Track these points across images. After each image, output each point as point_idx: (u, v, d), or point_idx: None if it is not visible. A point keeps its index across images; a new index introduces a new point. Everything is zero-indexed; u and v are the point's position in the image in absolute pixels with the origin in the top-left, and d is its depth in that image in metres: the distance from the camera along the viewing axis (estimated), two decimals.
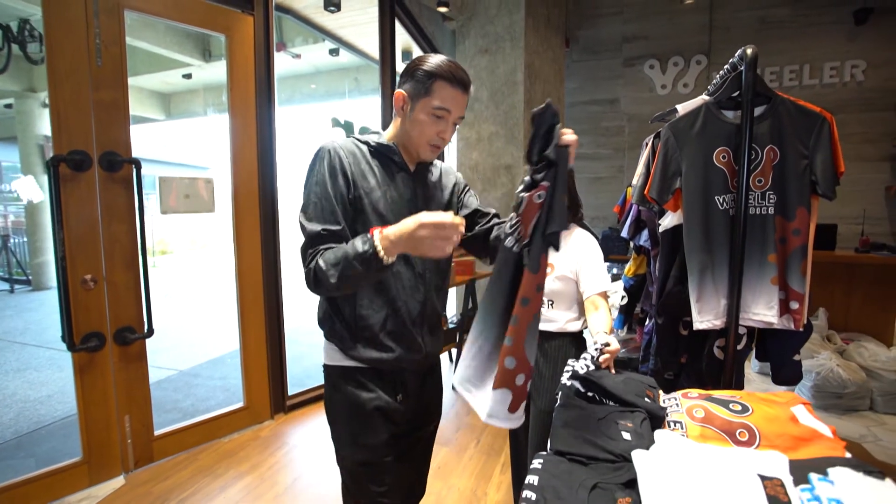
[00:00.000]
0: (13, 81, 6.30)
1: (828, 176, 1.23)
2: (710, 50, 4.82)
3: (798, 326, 1.27)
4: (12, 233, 7.71)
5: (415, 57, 1.11)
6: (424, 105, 1.08)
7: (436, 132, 1.10)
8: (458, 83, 1.08)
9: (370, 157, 1.13)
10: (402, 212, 1.11)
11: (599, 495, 0.73)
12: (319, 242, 1.04)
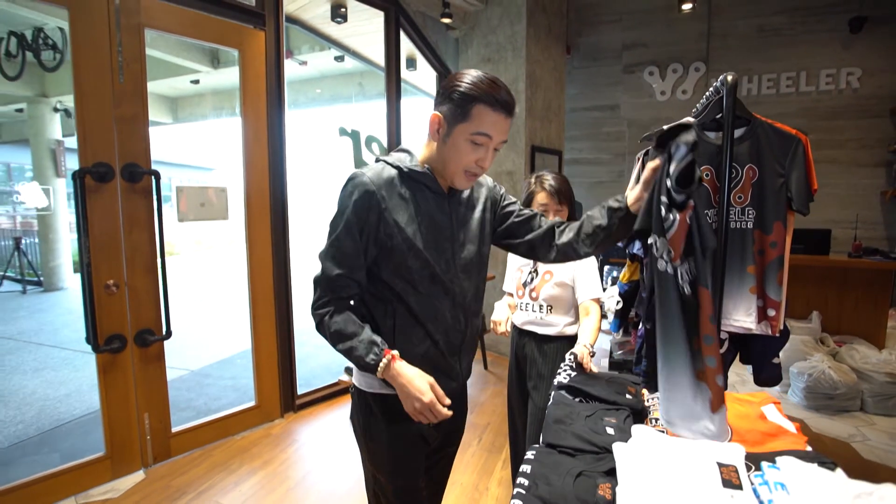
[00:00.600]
0: (26, 87, 6.43)
1: (802, 193, 1.33)
2: (708, 57, 4.92)
3: (775, 332, 1.37)
4: (24, 234, 7.84)
5: (452, 74, 1.03)
6: (462, 130, 1.00)
7: (474, 160, 1.02)
8: (500, 106, 0.98)
9: (402, 183, 1.06)
10: (439, 241, 1.08)
11: (583, 481, 0.83)
12: (336, 286, 1.03)
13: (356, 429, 1.20)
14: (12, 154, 11.50)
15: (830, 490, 0.69)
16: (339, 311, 1.04)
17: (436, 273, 1.07)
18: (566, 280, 1.71)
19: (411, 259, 1.05)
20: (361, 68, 6.90)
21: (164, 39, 5.28)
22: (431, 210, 1.08)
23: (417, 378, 0.97)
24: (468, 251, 1.13)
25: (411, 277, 1.06)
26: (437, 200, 1.09)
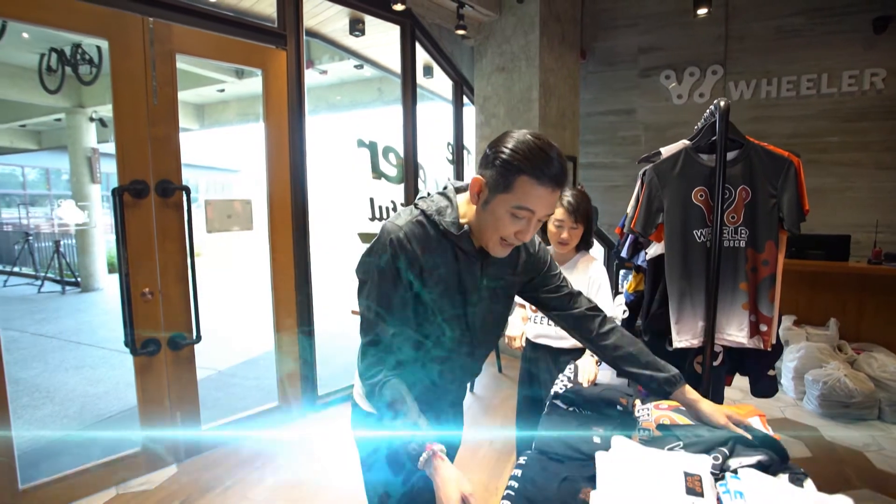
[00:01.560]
0: (65, 99, 6.81)
1: (793, 213, 1.39)
2: (725, 60, 4.88)
3: (766, 347, 1.43)
4: (62, 237, 8.26)
5: (501, 135, 0.96)
6: (503, 201, 0.93)
7: (513, 232, 0.96)
8: (547, 180, 0.90)
9: (436, 238, 1.01)
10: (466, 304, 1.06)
11: (567, 486, 0.93)
12: (393, 348, 1.00)
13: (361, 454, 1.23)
14: (52, 160, 12.10)
15: (785, 499, 0.77)
16: (389, 381, 0.99)
17: (455, 337, 1.07)
18: None
19: (434, 317, 1.04)
20: (380, 74, 7.06)
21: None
22: (461, 271, 1.04)
23: (452, 483, 0.87)
24: (493, 311, 1.12)
25: (431, 338, 1.06)
26: (468, 262, 1.04)
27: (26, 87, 6.49)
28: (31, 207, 12.51)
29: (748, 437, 1.01)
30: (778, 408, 3.25)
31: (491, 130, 4.22)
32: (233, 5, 3.35)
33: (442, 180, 4.69)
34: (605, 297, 1.70)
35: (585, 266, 1.74)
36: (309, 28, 4.18)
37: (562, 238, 1.71)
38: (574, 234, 1.70)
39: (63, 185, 12.34)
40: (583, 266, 1.75)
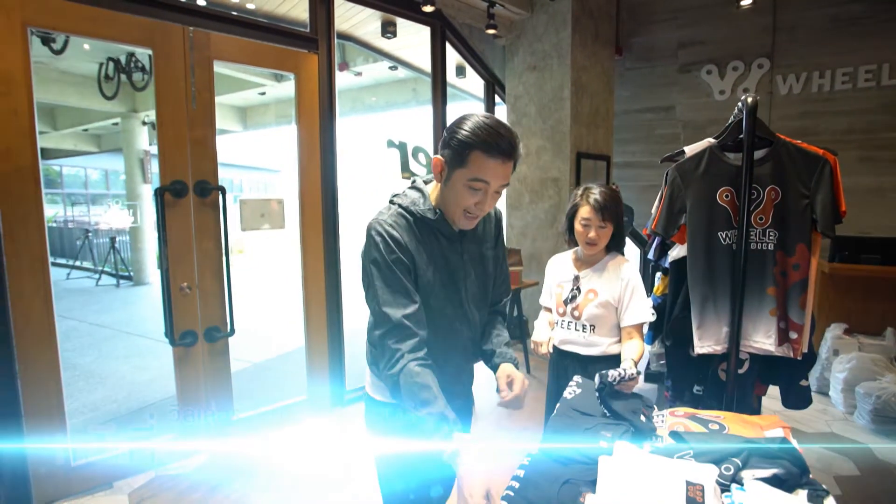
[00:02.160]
0: (120, 104, 7.27)
1: (827, 215, 1.31)
2: (773, 52, 4.63)
3: (797, 355, 1.35)
4: (118, 234, 8.82)
5: (456, 119, 1.06)
6: (460, 175, 1.03)
7: (473, 203, 1.05)
8: (496, 152, 0.99)
9: (416, 227, 1.10)
10: (455, 281, 1.13)
11: (568, 489, 0.92)
12: (403, 330, 1.03)
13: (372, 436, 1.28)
14: (111, 161, 12.93)
15: None
16: (411, 368, 1.01)
17: (451, 311, 1.15)
18: (611, 300, 1.59)
19: (432, 299, 1.11)
20: (414, 75, 7.14)
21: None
22: (445, 252, 1.13)
23: (476, 476, 0.91)
24: (478, 286, 1.21)
25: (433, 314, 1.12)
26: (450, 242, 1.13)
27: (87, 94, 6.97)
28: (92, 206, 13.42)
29: (764, 448, 0.97)
30: (824, 421, 3.06)
31: (522, 130, 4.19)
32: (269, 11, 3.48)
33: None
34: (639, 301, 1.55)
35: (616, 268, 1.60)
36: (342, 31, 4.28)
37: (589, 237, 1.58)
38: (602, 233, 1.58)
39: (121, 185, 13.15)
40: (613, 268, 1.61)
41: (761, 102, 5.02)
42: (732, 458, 0.96)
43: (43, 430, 2.15)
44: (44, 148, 11.02)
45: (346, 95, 7.90)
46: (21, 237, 2.07)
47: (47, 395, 2.17)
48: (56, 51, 4.80)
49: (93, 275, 8.56)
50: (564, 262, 1.76)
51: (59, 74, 6.75)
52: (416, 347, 1.05)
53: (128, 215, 7.62)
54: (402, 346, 1.03)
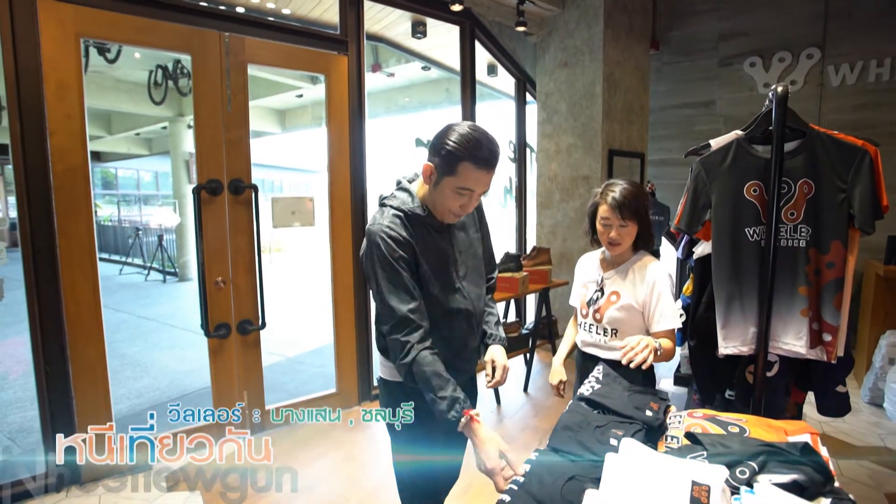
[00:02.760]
0: (168, 109, 7.68)
1: (866, 209, 1.23)
2: (824, 41, 4.36)
3: (831, 359, 1.27)
4: (165, 232, 9.30)
5: (443, 128, 1.15)
6: (449, 182, 1.13)
7: (458, 205, 1.17)
8: (482, 163, 1.11)
9: (409, 224, 1.20)
10: (448, 268, 1.25)
11: (573, 485, 0.90)
12: (408, 324, 1.14)
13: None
14: (159, 163, 13.64)
15: None
16: (423, 357, 1.13)
17: (448, 294, 1.25)
18: (634, 304, 1.49)
19: (431, 286, 1.22)
20: (447, 75, 7.17)
21: None
22: (436, 243, 1.24)
23: (490, 443, 1.05)
24: (469, 268, 1.32)
25: (431, 299, 1.22)
26: (439, 234, 1.25)
27: (138, 100, 7.41)
28: (144, 206, 14.22)
29: (785, 453, 0.92)
30: (878, 435, 2.86)
31: (553, 127, 4.13)
32: (303, 16, 3.59)
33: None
34: (665, 306, 1.43)
35: (643, 269, 1.49)
36: (373, 33, 4.36)
37: (611, 238, 1.49)
38: (624, 232, 1.47)
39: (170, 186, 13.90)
40: (639, 269, 1.49)
41: (811, 95, 4.76)
42: (748, 462, 0.92)
43: (89, 409, 2.31)
44: (100, 151, 11.77)
45: (380, 96, 8.03)
46: (72, 231, 2.22)
47: (94, 378, 2.32)
48: (110, 60, 5.12)
49: (142, 271, 9.07)
50: (592, 261, 1.68)
51: (113, 82, 7.20)
52: (423, 338, 1.16)
53: (175, 214, 8.02)
54: (411, 337, 1.15)
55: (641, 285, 1.47)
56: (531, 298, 4.52)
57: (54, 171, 2.15)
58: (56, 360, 2.21)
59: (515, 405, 3.34)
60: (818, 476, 0.90)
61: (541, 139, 4.28)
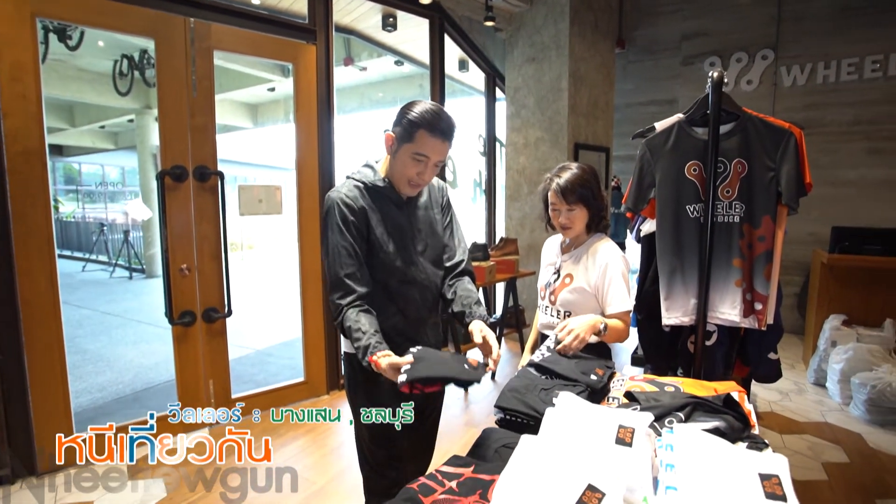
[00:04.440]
0: (135, 101, 7.46)
1: (792, 187, 1.33)
2: (777, 43, 4.59)
3: (762, 326, 1.37)
4: (131, 228, 9.03)
5: (407, 103, 1.25)
6: (407, 149, 1.23)
7: (415, 172, 1.25)
8: (438, 133, 1.20)
9: (368, 195, 1.29)
10: (403, 239, 1.31)
11: (505, 451, 0.95)
12: (343, 287, 1.23)
13: (346, 386, 1.44)
14: (126, 158, 13.22)
15: (715, 452, 0.77)
16: (349, 315, 1.22)
17: (406, 267, 1.32)
18: (586, 287, 1.49)
19: (383, 254, 1.29)
20: (421, 71, 7.19)
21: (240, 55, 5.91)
22: (393, 215, 1.32)
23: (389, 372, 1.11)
24: (428, 245, 1.38)
25: (387, 270, 1.30)
26: (397, 206, 1.33)
27: (103, 91, 7.17)
28: (109, 202, 13.75)
29: (708, 403, 1.00)
30: (820, 412, 3.04)
31: (521, 121, 4.22)
32: (272, 5, 3.57)
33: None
34: (617, 288, 1.44)
35: (595, 253, 1.49)
36: (344, 25, 4.36)
37: (560, 223, 1.51)
38: (573, 216, 1.49)
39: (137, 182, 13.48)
40: (592, 253, 1.50)
41: (766, 94, 4.97)
42: (676, 412, 1.00)
43: (47, 400, 2.26)
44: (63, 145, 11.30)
45: (353, 91, 7.99)
46: (28, 216, 2.17)
47: (51, 368, 2.27)
48: (72, 47, 4.96)
49: (107, 268, 8.79)
50: (554, 245, 1.69)
51: (76, 71, 6.96)
52: (354, 301, 1.24)
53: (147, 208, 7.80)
54: (343, 301, 1.24)
55: (594, 268, 1.48)
56: (500, 289, 4.60)
57: (8, 153, 2.10)
58: (10, 350, 2.16)
59: (482, 392, 3.41)
60: (737, 423, 0.99)
61: (509, 133, 4.36)
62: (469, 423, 2.92)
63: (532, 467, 0.75)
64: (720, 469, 0.74)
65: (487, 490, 0.77)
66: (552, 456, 0.77)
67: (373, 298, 1.27)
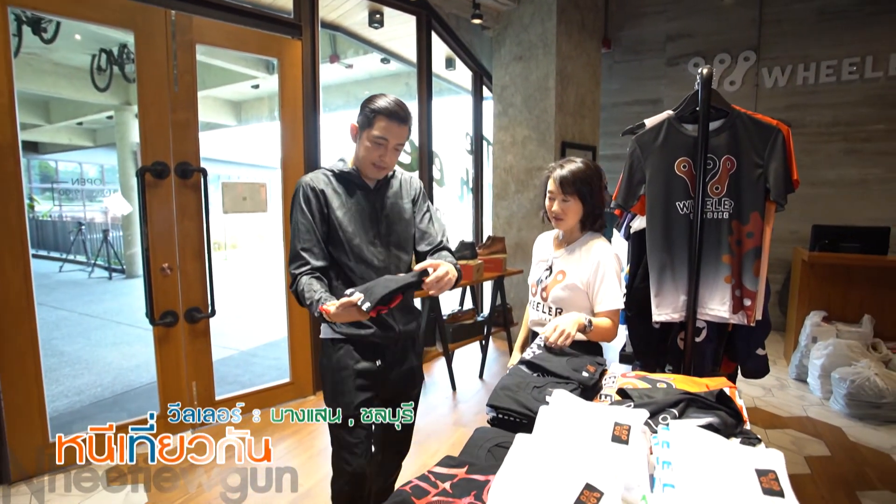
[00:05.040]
0: (114, 97, 7.27)
1: (779, 184, 1.34)
2: (759, 45, 4.67)
3: (750, 322, 1.38)
4: (111, 227, 8.81)
5: (369, 97, 1.39)
6: (368, 135, 1.36)
7: (377, 155, 1.37)
8: (394, 117, 1.34)
9: (336, 181, 1.42)
10: (365, 223, 1.42)
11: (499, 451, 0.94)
12: (299, 259, 1.37)
13: (321, 375, 1.55)
14: (105, 156, 12.90)
15: (711, 449, 0.76)
16: (300, 281, 1.34)
17: (363, 247, 1.42)
18: (578, 284, 1.49)
19: (342, 233, 1.40)
20: (408, 69, 7.14)
21: (224, 50, 5.79)
22: (358, 199, 1.44)
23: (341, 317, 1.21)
24: (393, 230, 1.47)
25: (345, 249, 1.41)
26: (363, 192, 1.45)
27: (80, 87, 6.97)
28: (87, 201, 13.39)
29: (702, 399, 1.00)
30: (801, 406, 3.10)
31: (508, 120, 4.22)
32: (256, 0, 3.49)
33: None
34: (609, 286, 1.44)
35: (589, 250, 1.49)
36: (330, 21, 4.30)
37: (553, 211, 1.50)
38: (566, 207, 1.48)
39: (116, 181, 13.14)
40: (586, 249, 1.50)
41: (748, 95, 5.05)
42: (670, 409, 0.99)
43: (19, 403, 2.18)
44: (38, 142, 10.95)
45: (339, 89, 7.91)
46: (0, 214, 2.09)
47: (25, 370, 2.19)
48: (47, 40, 4.81)
49: (86, 268, 8.57)
50: (547, 241, 1.68)
51: (51, 66, 6.75)
52: (308, 270, 1.36)
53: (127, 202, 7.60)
54: (298, 271, 1.37)
55: (587, 265, 1.48)
56: (487, 287, 4.60)
57: None
58: None
59: (471, 391, 3.40)
60: (731, 419, 0.99)
61: (497, 131, 4.36)
62: (458, 422, 2.91)
63: (528, 467, 0.73)
64: (717, 466, 0.74)
65: (482, 491, 0.76)
66: (548, 455, 0.75)
67: (331, 280, 1.41)
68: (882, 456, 2.54)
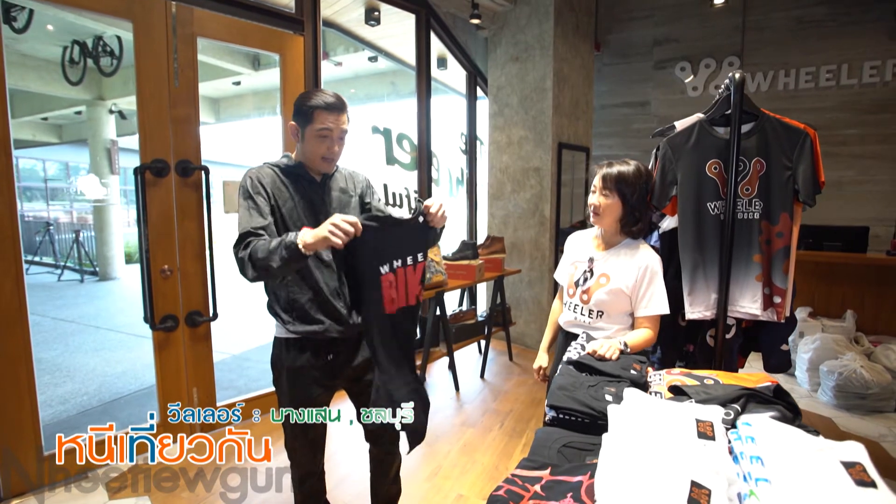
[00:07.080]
0: (86, 91, 6.95)
1: (808, 186, 1.38)
2: (742, 51, 4.83)
3: (780, 318, 1.43)
4: (81, 228, 8.44)
5: (301, 94, 1.41)
6: (310, 130, 1.37)
7: (325, 148, 1.39)
8: (333, 108, 1.36)
9: (283, 176, 1.42)
10: (312, 215, 1.41)
11: (569, 451, 0.94)
12: (246, 238, 1.31)
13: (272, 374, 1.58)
14: (72, 153, 12.34)
15: (795, 442, 0.78)
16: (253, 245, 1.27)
17: None
18: (623, 288, 1.47)
19: (292, 224, 1.38)
20: (394, 68, 7.08)
21: (209, 44, 5.61)
22: (305, 192, 1.44)
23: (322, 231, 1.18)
24: None
25: None
26: (310, 186, 1.45)
27: (49, 80, 6.63)
28: (51, 200, 12.78)
29: (760, 394, 1.02)
30: None
31: (504, 120, 4.24)
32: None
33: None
34: (655, 292, 1.43)
35: (634, 253, 1.48)
36: (325, 18, 4.22)
37: (591, 203, 1.50)
38: (604, 203, 1.47)
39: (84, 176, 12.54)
40: (631, 253, 1.49)
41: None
42: (732, 404, 1.01)
43: (11, 411, 2.05)
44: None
45: (326, 86, 7.77)
46: None
47: (17, 379, 2.07)
48: (18, 30, 4.56)
49: (54, 270, 8.17)
50: (584, 240, 1.64)
51: (18, 57, 6.40)
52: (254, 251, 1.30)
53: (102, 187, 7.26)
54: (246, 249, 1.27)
55: (632, 269, 1.46)
56: (482, 287, 4.61)
57: None
58: None
59: (474, 391, 3.39)
60: (789, 413, 1.01)
61: (492, 131, 4.37)
62: (465, 423, 2.90)
63: (626, 466, 0.73)
64: (804, 459, 0.75)
65: (579, 491, 0.75)
66: (642, 453, 0.75)
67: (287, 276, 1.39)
68: (871, 444, 2.66)
